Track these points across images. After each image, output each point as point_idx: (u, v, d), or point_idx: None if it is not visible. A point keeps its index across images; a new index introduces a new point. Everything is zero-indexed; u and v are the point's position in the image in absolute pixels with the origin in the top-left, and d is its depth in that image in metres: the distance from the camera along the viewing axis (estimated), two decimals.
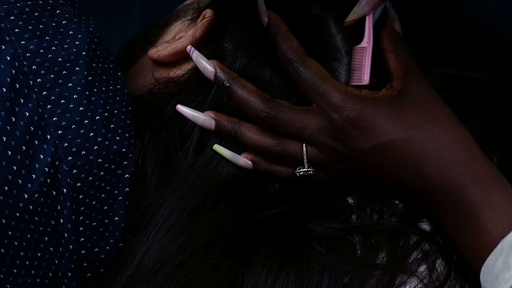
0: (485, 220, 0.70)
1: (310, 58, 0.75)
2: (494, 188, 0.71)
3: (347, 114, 0.73)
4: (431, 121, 0.73)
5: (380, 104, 0.73)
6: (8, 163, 0.70)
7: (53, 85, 0.73)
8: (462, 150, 0.72)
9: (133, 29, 0.94)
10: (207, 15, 0.81)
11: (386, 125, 0.73)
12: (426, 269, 0.74)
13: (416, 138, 0.72)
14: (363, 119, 0.73)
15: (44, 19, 0.74)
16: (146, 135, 0.79)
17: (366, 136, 0.73)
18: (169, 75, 0.82)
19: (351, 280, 0.74)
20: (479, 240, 0.70)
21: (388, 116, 0.73)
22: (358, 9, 0.75)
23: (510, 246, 0.68)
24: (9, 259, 0.72)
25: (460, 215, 0.71)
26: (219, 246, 0.75)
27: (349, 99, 0.73)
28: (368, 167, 0.75)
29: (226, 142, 0.78)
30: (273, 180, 0.78)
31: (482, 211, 0.70)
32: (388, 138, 0.73)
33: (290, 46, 0.75)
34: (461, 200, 0.71)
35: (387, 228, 0.76)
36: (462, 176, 0.71)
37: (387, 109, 0.73)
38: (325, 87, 0.74)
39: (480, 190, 0.71)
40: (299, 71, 0.74)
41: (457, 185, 0.71)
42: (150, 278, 0.73)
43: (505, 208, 0.70)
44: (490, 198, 0.70)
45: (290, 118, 0.75)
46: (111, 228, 0.77)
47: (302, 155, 0.76)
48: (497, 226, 0.69)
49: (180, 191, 0.77)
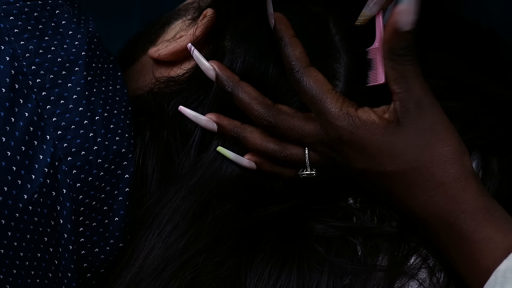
0: (477, 255, 0.69)
1: (312, 68, 0.75)
2: (485, 223, 0.69)
3: (341, 134, 0.72)
4: (423, 159, 0.71)
5: (372, 131, 0.72)
6: (8, 164, 0.70)
7: (52, 86, 0.73)
8: (452, 190, 0.70)
9: (133, 29, 0.94)
10: (208, 14, 0.81)
11: (376, 155, 0.72)
12: (426, 273, 0.74)
13: (404, 175, 0.71)
14: (354, 143, 0.72)
15: (43, 19, 0.74)
16: (147, 134, 0.79)
17: (358, 158, 0.73)
18: (170, 75, 0.82)
19: (351, 281, 0.74)
20: (473, 271, 0.70)
21: (379, 148, 0.72)
22: (366, 11, 0.74)
23: (503, 276, 0.67)
24: (8, 260, 0.71)
25: (453, 247, 0.71)
26: (223, 244, 0.75)
27: (343, 119, 0.72)
28: (362, 181, 0.75)
29: (229, 142, 0.78)
30: (277, 179, 0.78)
31: (474, 246, 0.69)
32: (376, 168, 0.72)
33: (293, 54, 0.75)
34: (452, 235, 0.70)
35: (387, 232, 0.76)
36: (449, 214, 0.70)
37: (379, 139, 0.72)
38: (323, 103, 0.73)
39: (468, 227, 0.70)
40: (300, 81, 0.74)
41: (444, 222, 0.70)
42: (155, 276, 0.74)
43: (497, 242, 0.69)
44: (481, 234, 0.69)
45: (290, 126, 0.75)
46: (111, 228, 0.77)
47: (305, 159, 0.76)
48: (491, 261, 0.68)
49: (184, 190, 0.77)
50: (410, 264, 0.74)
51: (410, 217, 0.74)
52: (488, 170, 0.78)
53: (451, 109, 0.78)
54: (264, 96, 0.76)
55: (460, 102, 0.80)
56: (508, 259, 0.68)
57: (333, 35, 0.77)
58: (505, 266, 0.67)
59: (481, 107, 0.79)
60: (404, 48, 0.70)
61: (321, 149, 0.75)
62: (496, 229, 0.69)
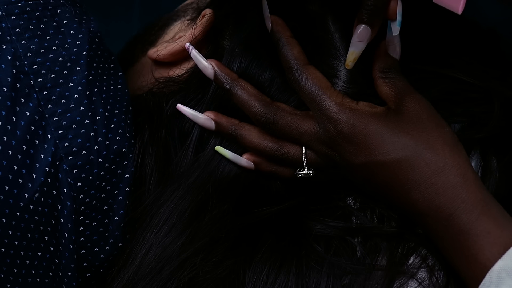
0: (475, 250, 0.69)
1: (310, 66, 0.75)
2: (483, 217, 0.69)
3: (341, 128, 0.73)
4: (423, 143, 0.72)
5: (373, 121, 0.73)
6: (9, 163, 0.70)
7: (54, 85, 0.73)
8: (452, 176, 0.71)
9: (133, 29, 0.94)
10: (207, 14, 0.81)
11: (377, 144, 0.72)
12: (425, 273, 0.74)
13: (406, 161, 0.72)
14: (355, 135, 0.73)
15: (45, 18, 0.74)
16: (146, 134, 0.79)
17: (358, 151, 0.73)
18: (169, 75, 0.82)
19: (350, 281, 0.74)
20: (471, 268, 0.70)
21: (380, 136, 0.72)
22: (354, 49, 0.74)
23: (498, 276, 0.67)
24: (9, 259, 0.72)
25: (451, 242, 0.71)
26: (221, 244, 0.75)
27: (344, 112, 0.73)
28: (360, 180, 0.75)
29: (227, 141, 0.78)
30: (275, 179, 0.78)
31: (472, 240, 0.69)
32: (378, 158, 0.72)
33: (291, 53, 0.75)
34: (450, 228, 0.70)
35: (386, 232, 0.76)
36: (450, 203, 0.70)
37: (380, 128, 0.72)
38: (322, 98, 0.73)
39: (468, 219, 0.70)
40: (299, 79, 0.74)
41: (444, 212, 0.71)
42: (152, 276, 0.74)
43: (495, 237, 0.69)
44: (479, 227, 0.69)
45: (288, 124, 0.75)
46: (111, 228, 0.77)
47: (302, 158, 0.76)
48: (487, 256, 0.68)
49: (181, 190, 0.77)
50: (409, 263, 0.75)
51: (409, 213, 0.74)
52: (487, 169, 0.78)
53: (450, 109, 0.78)
54: (262, 94, 0.76)
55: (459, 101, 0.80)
56: (503, 259, 0.68)
57: (332, 33, 0.77)
58: (500, 266, 0.68)
59: (481, 106, 0.80)
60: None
61: (318, 148, 0.75)
62: (494, 223, 0.69)
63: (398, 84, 0.75)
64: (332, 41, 0.77)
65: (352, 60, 0.74)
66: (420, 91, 0.76)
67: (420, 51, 0.81)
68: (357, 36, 0.73)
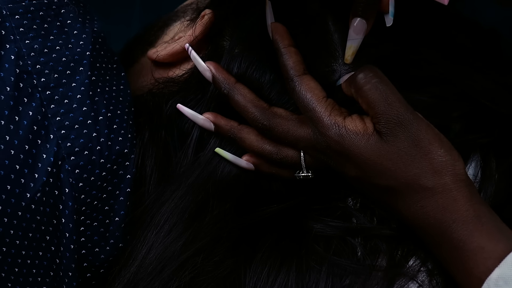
0: (469, 264, 0.69)
1: (306, 76, 0.75)
2: (476, 232, 0.69)
3: (329, 143, 0.73)
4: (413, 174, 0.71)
5: (358, 143, 0.72)
6: (11, 162, 0.70)
7: (57, 85, 0.73)
8: (441, 200, 0.70)
9: (133, 29, 0.94)
10: (206, 14, 0.81)
11: (364, 166, 0.72)
12: (425, 275, 0.75)
13: (392, 189, 0.72)
14: (343, 152, 0.72)
15: (49, 18, 0.74)
16: (146, 134, 0.79)
17: (348, 165, 0.73)
18: (169, 75, 0.82)
19: (351, 281, 0.74)
20: (467, 279, 0.70)
21: (364, 161, 0.72)
22: (351, 43, 0.74)
23: (496, 284, 0.68)
24: (10, 258, 0.71)
25: (445, 255, 0.71)
26: (222, 244, 0.75)
27: (332, 128, 0.73)
28: (356, 186, 0.75)
29: (227, 141, 0.79)
30: (275, 179, 0.79)
31: (466, 256, 0.70)
32: (367, 180, 0.73)
33: (288, 63, 0.75)
34: (444, 244, 0.71)
35: (386, 234, 0.76)
36: (441, 224, 0.70)
37: (364, 151, 0.72)
38: (315, 110, 0.73)
39: (460, 236, 0.70)
40: (294, 90, 0.74)
41: (437, 231, 0.71)
42: (153, 276, 0.74)
43: (489, 252, 0.69)
44: (473, 244, 0.69)
45: (284, 131, 0.75)
46: (112, 228, 0.77)
47: (300, 162, 0.76)
48: (482, 270, 0.69)
49: (181, 190, 0.77)
50: (409, 266, 0.75)
51: (405, 223, 0.74)
52: (487, 172, 0.78)
53: (450, 111, 0.78)
54: (259, 99, 0.76)
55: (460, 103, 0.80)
56: (500, 267, 0.68)
57: (332, 33, 0.77)
58: (497, 274, 0.68)
59: (481, 108, 0.80)
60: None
61: (314, 154, 0.75)
62: (488, 237, 0.69)
63: (381, 95, 0.72)
64: (332, 41, 0.77)
65: (350, 54, 0.75)
66: (414, 94, 0.76)
67: (419, 50, 0.80)
68: (353, 30, 0.73)
